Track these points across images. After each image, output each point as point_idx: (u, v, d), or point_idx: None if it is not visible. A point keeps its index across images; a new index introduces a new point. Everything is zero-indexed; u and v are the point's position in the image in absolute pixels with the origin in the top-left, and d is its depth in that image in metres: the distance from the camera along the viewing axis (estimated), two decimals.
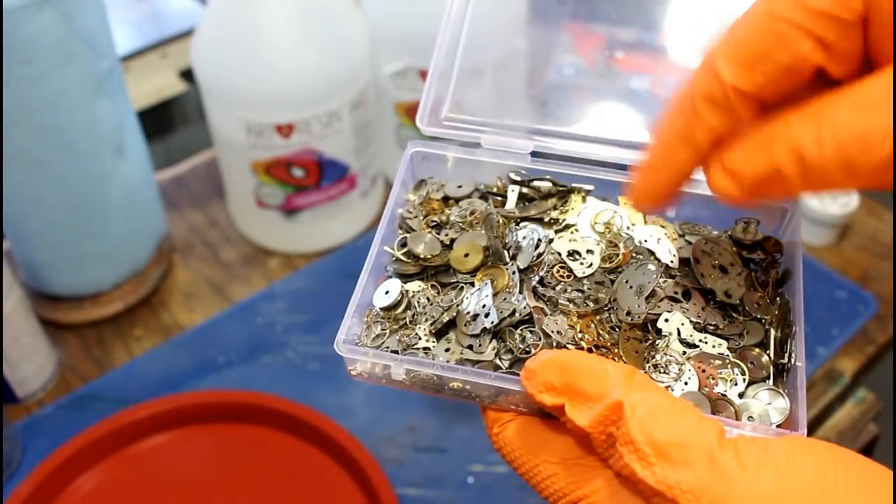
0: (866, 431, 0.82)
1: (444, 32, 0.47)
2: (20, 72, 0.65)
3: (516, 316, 0.41)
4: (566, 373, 0.34)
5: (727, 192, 0.33)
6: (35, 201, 0.74)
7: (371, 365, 0.41)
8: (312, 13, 0.77)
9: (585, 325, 0.41)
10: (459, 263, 0.44)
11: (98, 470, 0.71)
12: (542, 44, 0.50)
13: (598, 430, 0.33)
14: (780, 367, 0.40)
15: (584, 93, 0.48)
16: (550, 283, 0.43)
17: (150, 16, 1.16)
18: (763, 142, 0.32)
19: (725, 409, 0.39)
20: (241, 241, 0.92)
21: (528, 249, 0.44)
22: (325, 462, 0.71)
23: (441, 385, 0.40)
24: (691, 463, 0.30)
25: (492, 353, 0.40)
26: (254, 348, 0.81)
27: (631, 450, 0.31)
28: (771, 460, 0.30)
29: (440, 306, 0.42)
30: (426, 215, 0.47)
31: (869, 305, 0.85)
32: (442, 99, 0.47)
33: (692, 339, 0.41)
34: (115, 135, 0.75)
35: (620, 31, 0.47)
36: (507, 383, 0.38)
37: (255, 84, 0.77)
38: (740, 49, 0.32)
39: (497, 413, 0.40)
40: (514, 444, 0.38)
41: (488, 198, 0.47)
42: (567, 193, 0.47)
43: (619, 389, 0.32)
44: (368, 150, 0.87)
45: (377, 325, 0.43)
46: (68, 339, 0.83)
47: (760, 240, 0.44)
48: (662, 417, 0.31)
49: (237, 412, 0.73)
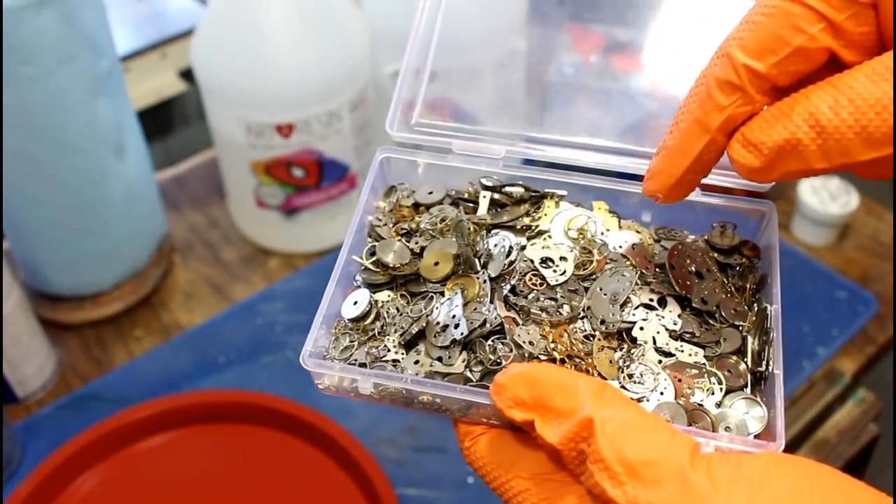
0: (866, 431, 0.82)
1: (415, 35, 0.47)
2: (20, 72, 0.65)
3: (487, 326, 0.40)
4: (536, 387, 0.33)
5: (748, 164, 0.34)
6: (35, 201, 0.74)
7: (339, 379, 0.39)
8: (312, 13, 0.77)
9: (558, 334, 0.40)
10: (429, 272, 0.43)
11: (98, 470, 0.71)
12: (541, 44, 0.50)
13: (569, 448, 0.32)
14: (758, 375, 0.39)
15: (581, 93, 0.48)
16: (522, 292, 0.42)
17: (150, 16, 1.16)
18: (782, 112, 0.32)
19: (702, 419, 0.38)
20: (241, 241, 0.92)
21: (499, 257, 0.43)
22: (325, 462, 0.71)
23: (410, 399, 0.39)
24: (662, 482, 0.30)
25: (462, 365, 0.39)
26: (254, 348, 0.81)
27: (601, 468, 0.31)
28: (744, 478, 0.29)
29: (409, 317, 0.41)
30: (396, 223, 0.46)
31: (869, 305, 0.85)
32: (413, 104, 0.47)
33: (668, 348, 0.40)
34: (115, 135, 0.75)
35: (619, 31, 0.47)
36: (477, 397, 0.37)
37: (255, 84, 0.77)
38: (754, 33, 0.32)
39: (468, 426, 0.39)
40: (486, 458, 0.37)
41: (459, 204, 0.47)
42: (540, 199, 0.46)
43: (589, 405, 0.32)
44: (368, 150, 0.87)
45: (345, 337, 0.42)
46: (68, 339, 0.83)
47: (737, 244, 0.44)
48: (633, 434, 0.31)
49: (237, 412, 0.73)
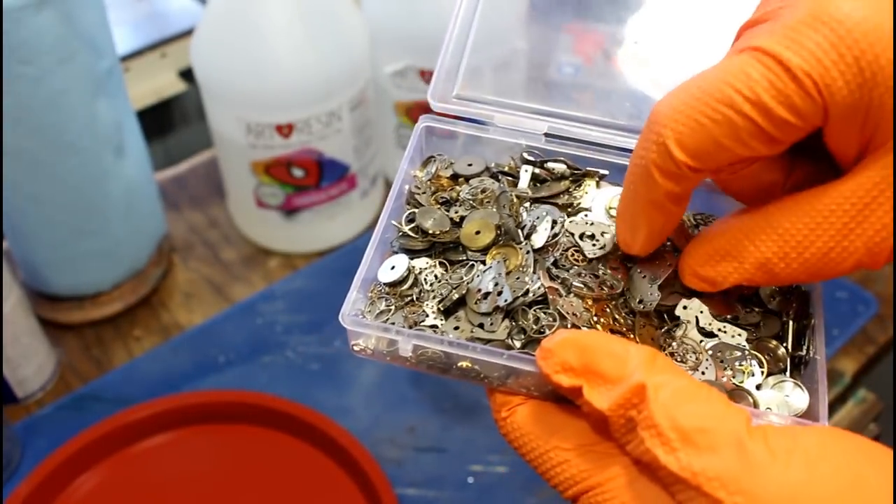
0: (867, 432, 0.82)
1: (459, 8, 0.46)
2: (20, 72, 0.65)
3: (530, 296, 0.39)
4: (585, 353, 0.32)
5: (703, 289, 0.37)
6: (35, 201, 0.74)
7: (376, 340, 0.39)
8: (312, 13, 0.77)
9: (601, 308, 0.40)
10: (470, 241, 0.42)
11: (98, 470, 0.71)
12: (541, 43, 0.50)
13: (618, 414, 0.31)
14: (798, 360, 0.39)
15: (585, 93, 0.48)
16: (564, 266, 0.41)
17: (150, 16, 1.16)
18: (732, 255, 0.34)
19: (743, 399, 0.37)
20: (241, 241, 0.92)
21: (542, 230, 0.42)
22: (325, 462, 0.71)
23: (449, 364, 0.38)
24: (718, 449, 0.29)
25: (504, 332, 0.39)
26: (254, 348, 0.81)
27: (653, 434, 0.30)
28: (801, 449, 0.29)
29: (449, 284, 0.41)
30: (434, 192, 0.45)
31: (869, 306, 0.85)
32: (455, 76, 0.46)
33: (711, 328, 0.40)
34: (115, 135, 0.75)
35: (619, 31, 0.47)
36: (521, 363, 0.36)
37: (255, 84, 0.77)
38: (691, 136, 0.32)
39: (506, 396, 0.38)
40: (524, 428, 0.36)
41: (499, 177, 0.46)
42: (581, 177, 0.46)
43: (641, 372, 0.31)
44: (368, 150, 0.87)
45: (381, 301, 0.41)
46: (68, 339, 0.83)
47: None
48: (687, 402, 0.30)
49: (237, 412, 0.73)
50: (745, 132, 0.31)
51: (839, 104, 0.30)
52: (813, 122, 0.31)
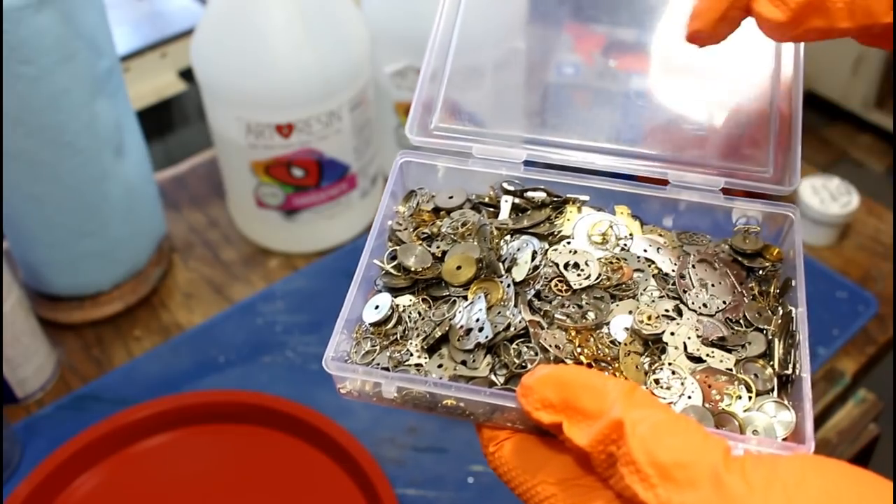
0: (867, 432, 0.82)
1: (434, 38, 0.46)
2: (20, 71, 0.65)
3: (511, 330, 0.40)
4: (564, 389, 0.33)
5: (773, 17, 0.34)
6: (34, 201, 0.74)
7: (361, 383, 0.39)
8: (312, 13, 0.77)
9: (584, 339, 0.40)
10: (452, 276, 0.42)
11: (98, 470, 0.71)
12: (541, 43, 0.50)
13: (598, 450, 0.32)
14: (785, 379, 0.39)
15: (582, 94, 0.48)
16: (547, 298, 0.42)
17: (150, 16, 1.16)
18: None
19: (729, 422, 0.37)
20: (241, 241, 0.92)
21: (523, 262, 0.43)
22: (325, 462, 0.71)
23: (434, 403, 0.39)
24: (696, 484, 0.29)
25: (486, 368, 0.39)
26: (254, 348, 0.81)
27: (633, 470, 0.30)
28: (780, 480, 0.29)
29: (432, 321, 0.41)
30: (416, 227, 0.46)
31: (869, 305, 0.85)
32: (432, 108, 0.47)
33: (699, 353, 0.40)
34: (115, 135, 0.75)
35: (620, 31, 0.47)
36: (503, 400, 0.36)
37: (255, 84, 0.77)
38: None
39: (493, 431, 0.38)
40: (511, 463, 0.37)
41: (480, 209, 0.46)
42: (562, 204, 0.46)
43: (619, 406, 0.31)
44: (368, 150, 0.87)
45: (367, 342, 0.41)
46: (68, 339, 0.83)
47: (760, 248, 0.44)
48: (665, 436, 0.30)
49: (237, 412, 0.73)
50: None
51: None
52: None
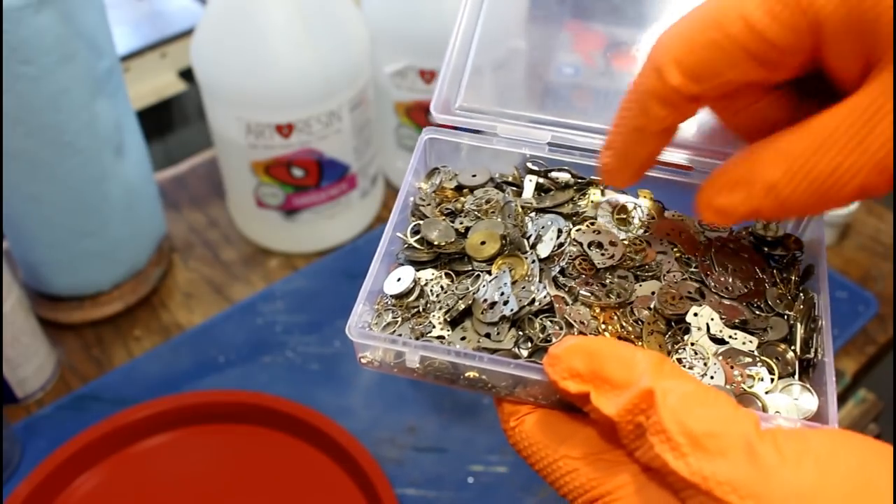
0: (867, 432, 0.82)
1: (462, 17, 0.46)
2: (20, 71, 0.65)
3: (536, 305, 0.39)
4: (592, 359, 0.32)
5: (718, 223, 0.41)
6: (34, 201, 0.74)
7: (383, 352, 0.39)
8: (312, 13, 0.77)
9: (608, 316, 0.40)
10: (475, 251, 0.42)
11: (98, 470, 0.71)
12: (541, 43, 0.50)
13: (626, 420, 0.31)
14: (806, 363, 0.39)
15: (585, 92, 0.48)
16: (571, 275, 0.42)
17: (150, 16, 1.16)
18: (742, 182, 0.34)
19: (752, 403, 0.37)
20: (241, 241, 0.92)
21: (548, 239, 0.43)
22: (325, 462, 0.71)
23: (456, 375, 0.38)
24: (728, 453, 0.29)
25: (511, 341, 0.39)
26: (254, 348, 0.81)
27: (663, 439, 0.30)
28: (811, 452, 0.29)
29: (455, 294, 0.41)
30: (440, 203, 0.46)
31: (869, 305, 0.85)
32: (456, 86, 0.46)
33: (722, 335, 0.40)
34: (114, 135, 0.75)
35: (620, 30, 0.47)
36: (528, 372, 0.36)
37: (255, 84, 0.77)
38: (687, 58, 0.33)
39: (514, 406, 0.38)
40: (532, 437, 0.36)
41: (503, 188, 0.46)
42: (585, 186, 0.46)
43: (648, 377, 0.31)
44: (368, 150, 0.87)
45: (388, 314, 0.41)
46: (68, 339, 0.83)
47: (781, 236, 0.44)
48: (696, 406, 0.30)
49: (237, 412, 0.73)
50: (738, 51, 0.32)
51: (830, 19, 0.30)
52: (806, 42, 0.31)
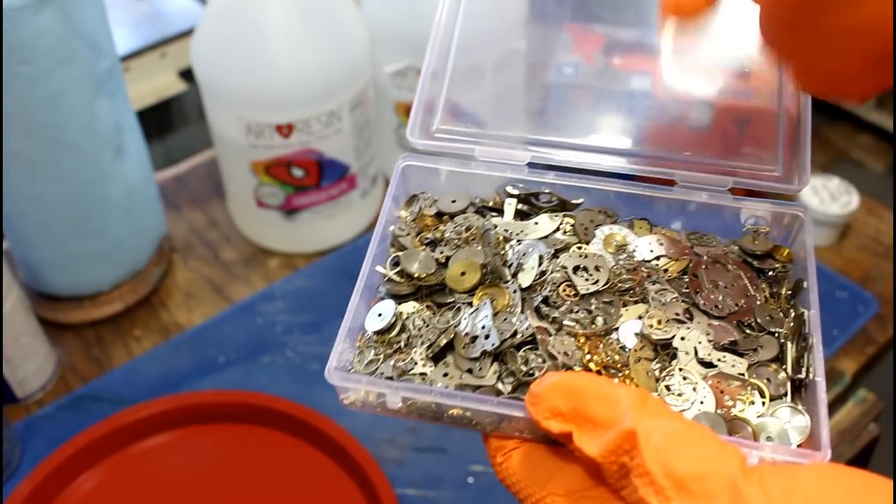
0: (867, 432, 0.82)
1: (434, 41, 0.46)
2: (20, 72, 0.65)
3: (518, 337, 0.39)
4: (574, 397, 0.32)
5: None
6: (34, 201, 0.74)
7: (365, 393, 0.38)
8: (312, 13, 0.77)
9: (594, 345, 0.39)
10: (456, 283, 0.41)
11: (98, 470, 0.71)
12: (540, 44, 0.50)
13: (610, 461, 0.31)
14: (798, 383, 0.38)
15: (584, 94, 0.48)
16: (555, 303, 0.41)
17: (150, 16, 1.16)
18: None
19: (742, 429, 0.36)
20: (241, 241, 0.92)
21: (529, 267, 0.41)
22: (325, 462, 0.71)
23: (440, 413, 0.38)
24: (713, 496, 0.28)
25: (493, 376, 0.38)
26: (254, 348, 0.81)
27: (647, 482, 0.29)
28: (799, 490, 0.28)
29: (436, 328, 0.40)
30: (419, 232, 0.45)
31: (869, 306, 0.85)
32: (433, 111, 0.46)
33: (710, 358, 0.39)
34: (114, 135, 0.75)
35: (620, 31, 0.47)
36: (511, 409, 0.35)
37: (255, 84, 0.77)
38: None
39: (500, 441, 0.37)
40: (519, 474, 0.36)
41: (484, 212, 0.46)
42: (561, 207, 0.45)
43: (631, 416, 0.30)
44: (368, 150, 0.87)
45: (370, 350, 0.40)
46: (68, 339, 0.83)
47: (770, 249, 0.43)
48: (680, 446, 0.29)
49: (237, 412, 0.73)
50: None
51: None
52: None
